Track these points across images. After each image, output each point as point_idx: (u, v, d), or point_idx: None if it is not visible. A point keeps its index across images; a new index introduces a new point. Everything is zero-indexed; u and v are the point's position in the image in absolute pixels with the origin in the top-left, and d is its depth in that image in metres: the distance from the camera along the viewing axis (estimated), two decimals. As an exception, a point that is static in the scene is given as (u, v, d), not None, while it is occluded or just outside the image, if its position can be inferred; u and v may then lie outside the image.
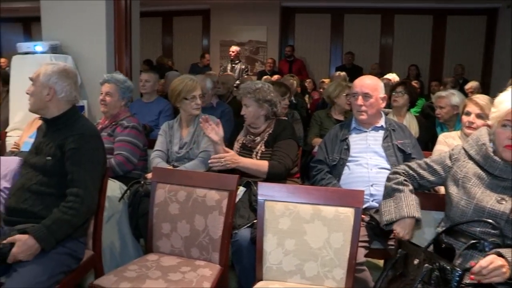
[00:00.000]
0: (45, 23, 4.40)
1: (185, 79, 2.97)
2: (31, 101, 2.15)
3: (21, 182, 2.12)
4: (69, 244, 2.04)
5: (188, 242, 2.22)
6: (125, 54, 4.22)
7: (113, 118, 3.07)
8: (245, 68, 8.30)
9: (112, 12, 4.19)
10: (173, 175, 2.33)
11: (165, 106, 3.99)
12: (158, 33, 11.06)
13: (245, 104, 2.76)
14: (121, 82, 3.10)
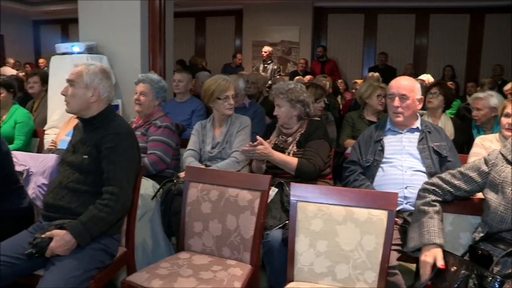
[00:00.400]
0: (82, 24, 4.51)
1: (218, 79, 2.98)
2: (72, 102, 2.15)
3: (59, 179, 2.17)
4: (103, 241, 2.08)
5: (220, 241, 2.23)
6: (159, 54, 4.27)
7: (147, 117, 3.11)
8: (277, 68, 8.29)
9: (147, 12, 4.24)
10: (206, 175, 2.35)
11: (197, 105, 4.01)
12: (191, 34, 11.17)
13: (278, 105, 2.76)
14: (156, 82, 3.13)
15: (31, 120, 3.85)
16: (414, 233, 1.93)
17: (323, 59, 9.07)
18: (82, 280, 1.93)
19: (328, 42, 9.92)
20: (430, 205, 1.95)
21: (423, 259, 1.82)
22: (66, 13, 11.40)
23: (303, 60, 8.91)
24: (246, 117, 3.03)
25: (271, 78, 7.48)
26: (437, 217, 1.91)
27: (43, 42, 13.31)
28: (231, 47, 10.68)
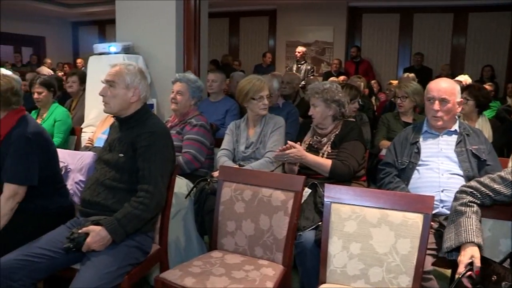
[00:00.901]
0: (119, 25, 4.58)
1: (253, 79, 2.99)
2: (112, 103, 2.18)
3: (95, 176, 2.22)
4: (138, 238, 2.11)
5: (252, 241, 2.23)
6: (194, 54, 4.30)
7: (183, 116, 3.15)
8: (310, 68, 8.24)
9: (182, 12, 4.28)
10: (240, 174, 2.35)
11: (231, 105, 4.03)
12: (225, 34, 11.23)
13: (313, 104, 2.74)
14: (192, 81, 3.17)
15: (70, 118, 3.95)
16: (450, 233, 1.88)
17: (357, 60, 8.98)
18: (116, 276, 1.97)
19: (362, 42, 9.81)
20: (468, 206, 1.90)
21: (460, 259, 1.76)
22: (103, 15, 11.68)
23: (337, 60, 8.83)
24: (280, 117, 3.02)
25: (304, 79, 7.44)
26: (475, 217, 1.86)
27: (81, 43, 13.67)
28: (264, 47, 10.68)
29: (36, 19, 12.17)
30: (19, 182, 2.19)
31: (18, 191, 2.19)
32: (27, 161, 2.21)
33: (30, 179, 2.22)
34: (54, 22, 12.86)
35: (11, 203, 2.18)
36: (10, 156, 2.20)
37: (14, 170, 2.19)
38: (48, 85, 3.89)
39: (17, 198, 2.19)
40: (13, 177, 2.18)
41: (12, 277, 1.90)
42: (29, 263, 1.95)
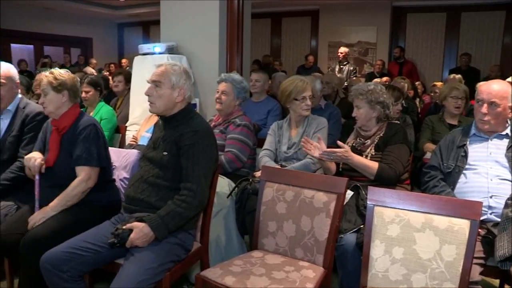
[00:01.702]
0: (163, 26, 4.66)
1: (296, 80, 2.98)
2: (157, 103, 2.22)
3: (140, 174, 2.27)
4: (180, 235, 2.15)
5: (293, 242, 2.22)
6: (237, 54, 4.32)
7: (227, 116, 3.18)
8: (353, 69, 8.14)
9: (225, 13, 4.32)
10: (282, 175, 2.35)
11: (273, 105, 4.04)
12: (267, 34, 11.25)
13: (357, 106, 2.70)
14: (238, 82, 3.20)
15: (115, 117, 4.04)
16: (503, 241, 1.81)
17: (401, 60, 8.80)
18: (158, 272, 2.00)
19: (406, 42, 9.60)
20: None
21: None
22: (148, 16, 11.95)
23: (380, 61, 8.69)
24: (323, 118, 3.00)
25: (347, 80, 7.36)
26: None
27: (126, 43, 14.02)
28: (306, 48, 10.63)
29: (84, 21, 12.59)
30: (93, 164, 2.38)
31: (92, 174, 2.38)
32: (97, 145, 2.41)
33: (101, 161, 2.42)
34: (101, 24, 13.27)
35: (84, 186, 2.37)
36: (81, 142, 2.40)
37: (87, 154, 2.37)
38: (95, 85, 4.00)
39: (90, 183, 2.38)
40: (87, 160, 2.37)
41: (61, 268, 1.99)
42: (77, 256, 2.02)
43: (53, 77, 2.45)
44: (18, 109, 2.85)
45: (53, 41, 12.42)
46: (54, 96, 2.45)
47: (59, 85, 2.44)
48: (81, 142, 2.40)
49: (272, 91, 4.99)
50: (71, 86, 2.48)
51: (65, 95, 2.46)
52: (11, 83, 2.81)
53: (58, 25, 11.95)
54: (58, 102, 2.46)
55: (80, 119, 2.48)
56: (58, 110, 2.48)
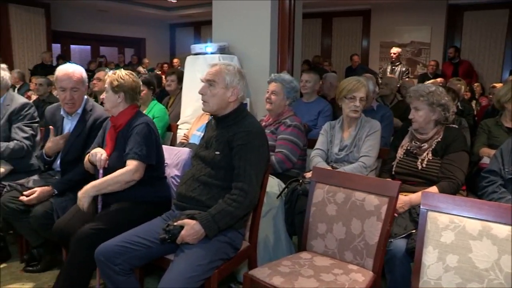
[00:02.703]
0: (215, 26, 4.72)
1: (352, 79, 2.93)
2: (210, 102, 2.25)
3: (192, 172, 2.31)
4: (229, 234, 2.17)
5: (343, 244, 2.19)
6: (288, 55, 4.32)
7: (277, 116, 3.18)
8: (405, 70, 7.92)
9: (277, 13, 4.32)
10: (333, 176, 2.32)
11: (324, 106, 4.00)
12: (318, 34, 11.18)
13: (415, 107, 2.60)
14: (287, 82, 3.19)
15: (167, 115, 4.13)
16: None
17: (456, 61, 8.50)
18: (207, 269, 2.03)
19: (462, 42, 9.26)
20: None
21: None
22: (199, 16, 12.17)
23: (434, 61, 8.43)
24: (376, 121, 2.93)
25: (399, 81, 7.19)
26: None
27: (178, 43, 14.32)
28: (357, 48, 10.49)
29: (138, 22, 12.99)
30: (142, 159, 2.42)
31: (140, 168, 2.42)
32: (148, 143, 2.46)
33: (150, 158, 2.47)
34: (154, 25, 13.63)
35: (129, 176, 2.41)
36: (134, 138, 2.46)
37: (137, 149, 2.42)
38: (149, 83, 4.10)
39: (136, 175, 2.42)
40: (137, 155, 2.42)
41: (113, 260, 2.06)
42: (129, 250, 2.08)
43: (114, 78, 2.54)
44: (84, 111, 2.97)
45: (108, 42, 12.93)
46: (111, 95, 2.54)
47: (116, 86, 2.52)
48: (133, 138, 2.46)
49: (323, 92, 4.95)
50: (129, 89, 2.54)
51: (121, 96, 2.53)
52: (83, 88, 2.94)
53: (113, 26, 12.41)
54: (114, 102, 2.55)
55: (135, 118, 2.55)
56: (114, 109, 2.56)
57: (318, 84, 4.27)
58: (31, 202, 2.74)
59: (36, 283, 2.92)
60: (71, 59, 11.15)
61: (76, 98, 2.90)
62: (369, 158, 2.75)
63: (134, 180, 2.42)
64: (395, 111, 4.23)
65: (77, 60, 10.96)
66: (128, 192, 2.48)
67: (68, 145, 2.90)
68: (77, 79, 2.89)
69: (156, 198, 2.57)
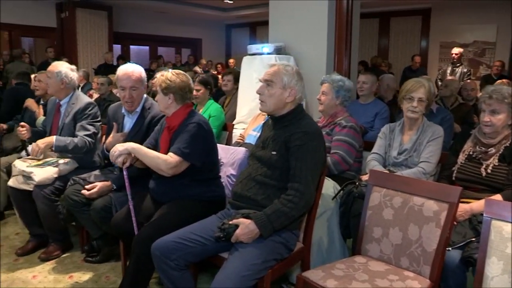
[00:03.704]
0: (272, 26, 4.73)
1: (412, 80, 2.84)
2: (268, 102, 2.26)
3: (248, 171, 2.32)
4: (284, 235, 2.16)
5: (399, 250, 2.13)
6: (344, 55, 4.26)
7: (332, 117, 3.15)
8: (467, 71, 7.58)
9: (334, 13, 4.27)
10: (391, 180, 2.26)
11: (381, 108, 3.93)
12: (375, 35, 10.98)
13: (494, 110, 2.41)
14: (335, 81, 3.17)
15: (223, 115, 4.17)
16: None
17: (524, 61, 8.06)
18: (261, 269, 2.04)
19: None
20: None
21: None
22: (255, 17, 12.26)
23: (499, 62, 8.00)
24: (439, 126, 2.81)
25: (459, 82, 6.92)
26: None
27: (233, 44, 14.49)
28: (415, 48, 10.21)
29: (195, 23, 13.27)
30: (184, 156, 2.42)
31: (178, 164, 2.42)
32: (195, 143, 2.46)
33: (194, 158, 2.46)
34: (210, 25, 13.87)
35: (165, 166, 2.39)
36: (182, 136, 2.48)
37: (184, 147, 2.43)
38: (206, 83, 4.17)
39: (174, 169, 2.42)
40: (180, 151, 2.43)
41: (169, 256, 2.10)
42: (184, 246, 2.13)
43: (163, 80, 2.57)
44: (143, 109, 3.07)
45: (166, 42, 13.30)
46: (162, 97, 2.58)
47: (165, 88, 2.55)
48: (181, 136, 2.49)
49: (380, 94, 4.85)
50: (178, 89, 2.55)
51: (171, 97, 2.56)
52: (142, 87, 3.04)
53: (171, 27, 12.74)
54: (165, 103, 2.59)
55: (189, 118, 2.57)
56: (167, 110, 2.61)
57: (375, 86, 4.19)
58: (92, 196, 2.86)
59: (95, 273, 3.05)
60: (130, 59, 11.55)
61: (135, 97, 3.00)
62: (429, 164, 2.65)
63: (166, 173, 2.41)
64: (455, 114, 4.07)
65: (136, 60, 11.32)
66: (184, 190, 2.54)
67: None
68: (136, 79, 2.98)
69: (211, 197, 2.60)
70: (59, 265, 3.18)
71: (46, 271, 3.10)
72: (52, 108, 3.57)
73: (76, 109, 3.35)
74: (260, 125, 3.40)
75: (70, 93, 3.43)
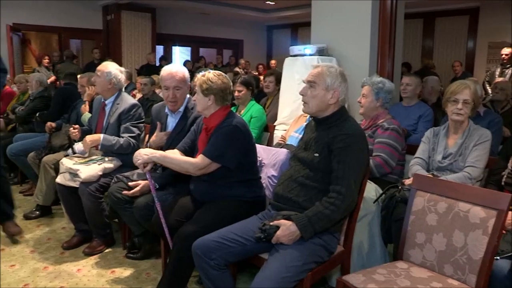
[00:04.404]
0: (314, 27, 4.71)
1: (457, 82, 2.78)
2: (310, 103, 2.25)
3: (290, 173, 2.31)
4: (325, 237, 2.15)
5: (443, 257, 2.07)
6: (388, 57, 4.19)
7: (373, 119, 3.12)
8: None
9: (377, 14, 4.21)
10: (435, 185, 2.20)
11: (425, 111, 3.84)
12: (418, 36, 10.74)
13: None
14: (375, 83, 3.15)
15: (264, 116, 4.16)
16: None
17: None
18: (301, 271, 2.03)
19: None
20: None
21: None
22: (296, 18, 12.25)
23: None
24: (487, 130, 2.71)
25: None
26: None
27: (274, 45, 14.51)
28: (461, 49, 9.91)
29: (236, 24, 13.38)
30: (214, 158, 2.47)
31: (210, 165, 2.48)
32: (228, 144, 2.48)
33: (225, 160, 2.49)
34: (252, 26, 13.95)
35: (193, 169, 2.48)
36: (215, 137, 2.51)
37: (214, 149, 2.48)
38: (247, 84, 4.18)
39: (203, 170, 2.48)
40: (210, 153, 2.47)
41: (210, 255, 2.12)
42: (225, 246, 2.14)
43: (203, 81, 2.59)
44: (186, 109, 3.12)
45: (208, 43, 13.48)
46: (202, 98, 2.60)
47: (206, 89, 2.57)
48: (216, 137, 2.51)
49: (423, 96, 4.73)
50: (218, 91, 2.56)
51: (211, 99, 2.57)
52: (185, 87, 3.09)
53: (213, 28, 12.90)
54: (204, 104, 2.60)
55: (226, 120, 2.57)
56: (206, 111, 2.63)
57: (419, 88, 4.09)
58: (135, 194, 2.93)
59: (136, 269, 3.13)
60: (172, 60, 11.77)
61: (178, 97, 3.04)
62: (476, 169, 2.57)
63: (195, 174, 2.49)
64: (505, 117, 3.93)
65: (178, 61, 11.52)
66: (223, 191, 2.56)
67: (170, 141, 3.05)
68: (179, 79, 3.03)
69: (251, 198, 2.61)
70: (102, 260, 3.28)
71: (89, 265, 3.20)
72: (97, 107, 3.70)
73: (121, 110, 3.44)
74: (302, 126, 3.39)
75: (116, 93, 3.53)
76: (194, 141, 2.79)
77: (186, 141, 2.81)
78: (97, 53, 9.92)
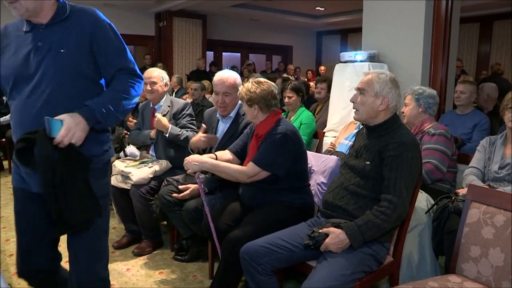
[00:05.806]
0: (365, 33, 4.65)
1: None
2: (361, 110, 2.23)
3: (340, 180, 2.30)
4: (374, 247, 2.11)
5: (500, 273, 1.97)
6: (441, 63, 4.08)
7: (418, 127, 3.08)
8: None
9: (431, 17, 4.10)
10: (492, 196, 2.10)
11: (481, 119, 3.71)
12: (474, 40, 10.37)
13: None
14: (415, 91, 3.15)
15: (314, 122, 4.13)
16: None
17: None
18: (349, 280, 2.00)
19: None
20: None
21: None
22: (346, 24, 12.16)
23: None
24: None
25: None
26: None
27: (324, 51, 14.44)
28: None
29: (286, 30, 13.42)
30: (263, 167, 2.49)
31: (259, 173, 2.50)
32: (278, 152, 2.49)
33: (274, 168, 2.50)
34: (301, 32, 13.95)
35: (243, 178, 2.53)
36: (265, 145, 2.53)
37: (264, 157, 2.50)
38: (298, 90, 4.17)
39: (253, 178, 2.51)
40: (260, 161, 2.50)
41: (257, 260, 2.13)
42: (272, 252, 2.14)
43: (245, 92, 2.62)
44: (237, 115, 3.15)
45: (257, 49, 13.58)
46: (248, 109, 2.65)
47: (248, 100, 2.60)
48: (265, 145, 2.53)
49: (479, 104, 4.55)
50: (260, 99, 2.58)
51: (256, 108, 2.60)
52: (235, 93, 3.12)
53: (262, 34, 12.99)
54: (251, 114, 2.64)
55: (276, 127, 2.57)
56: (255, 120, 2.66)
57: (474, 96, 3.95)
58: (185, 197, 2.99)
59: (183, 272, 3.18)
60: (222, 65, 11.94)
61: (227, 102, 3.08)
62: None
63: (245, 182, 2.53)
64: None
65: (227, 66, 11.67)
66: (272, 196, 2.58)
67: (220, 146, 3.09)
68: (229, 85, 3.06)
69: (300, 204, 2.60)
70: (150, 261, 3.36)
71: (138, 265, 3.29)
72: (147, 113, 3.79)
73: (174, 110, 3.57)
74: (352, 133, 3.36)
75: (163, 97, 3.64)
76: (246, 143, 2.81)
77: (238, 143, 2.84)
78: (148, 59, 10.20)
